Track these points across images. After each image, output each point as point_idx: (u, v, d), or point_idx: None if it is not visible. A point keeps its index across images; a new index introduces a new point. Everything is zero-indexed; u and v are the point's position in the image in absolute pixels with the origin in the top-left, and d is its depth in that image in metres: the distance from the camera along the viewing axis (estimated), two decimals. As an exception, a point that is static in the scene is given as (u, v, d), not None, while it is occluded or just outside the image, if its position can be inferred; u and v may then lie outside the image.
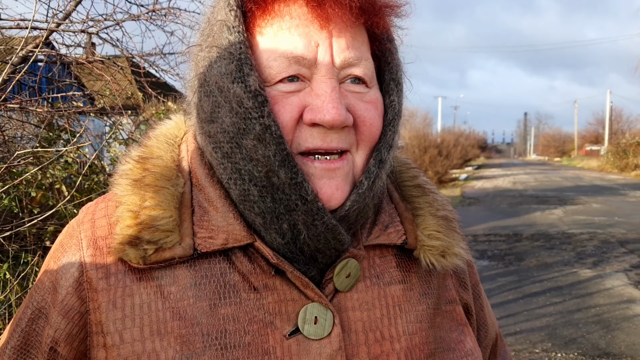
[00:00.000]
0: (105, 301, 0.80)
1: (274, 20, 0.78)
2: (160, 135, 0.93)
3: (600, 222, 13.31)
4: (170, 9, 4.01)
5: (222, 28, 0.78)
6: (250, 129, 0.74)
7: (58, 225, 5.26)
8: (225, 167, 0.80)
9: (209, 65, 0.79)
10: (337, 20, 0.78)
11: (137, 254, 0.79)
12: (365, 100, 0.82)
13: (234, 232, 0.81)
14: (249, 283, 0.81)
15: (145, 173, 0.85)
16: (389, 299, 0.87)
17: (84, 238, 0.85)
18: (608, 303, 6.72)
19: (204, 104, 0.80)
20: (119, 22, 3.83)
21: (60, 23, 3.72)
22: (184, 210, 0.83)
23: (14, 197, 4.53)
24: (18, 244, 4.57)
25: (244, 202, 0.79)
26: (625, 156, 38.59)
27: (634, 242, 10.64)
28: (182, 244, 0.79)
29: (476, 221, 13.96)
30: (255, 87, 0.74)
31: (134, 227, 0.80)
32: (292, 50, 0.77)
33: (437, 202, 0.96)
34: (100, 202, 0.90)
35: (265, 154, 0.74)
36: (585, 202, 17.88)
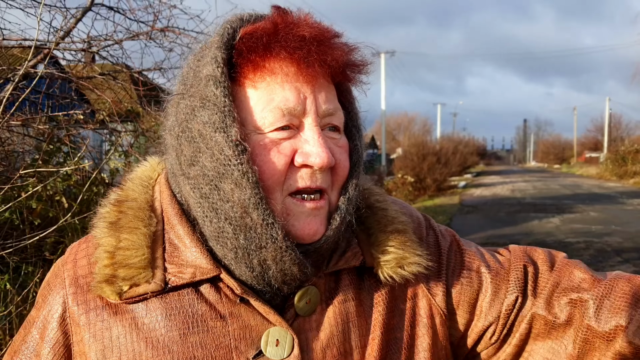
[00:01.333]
0: (87, 334, 0.89)
1: (266, 76, 0.87)
2: (136, 179, 1.01)
3: (597, 230, 13.38)
4: (169, 29, 4.10)
5: (208, 81, 0.86)
6: (229, 174, 0.83)
7: (57, 237, 5.33)
8: (202, 206, 0.87)
9: (191, 113, 0.87)
10: (320, 78, 0.89)
11: (114, 290, 0.87)
12: (339, 145, 0.93)
13: (201, 266, 0.89)
14: (215, 312, 0.89)
15: (120, 215, 0.93)
16: (344, 316, 0.96)
17: (67, 277, 0.94)
18: (602, 313, 6.77)
19: (184, 148, 0.88)
20: (119, 42, 3.93)
21: (59, 42, 3.81)
22: (156, 247, 0.91)
23: (15, 210, 4.60)
24: (19, 256, 4.64)
25: (218, 238, 0.87)
26: (624, 163, 38.65)
27: (629, 251, 10.71)
28: (155, 279, 0.88)
29: (474, 230, 14.03)
30: (236, 137, 0.83)
31: (110, 267, 0.88)
32: (285, 102, 0.86)
33: (386, 219, 1.04)
34: (82, 242, 0.99)
35: (241, 197, 0.82)
36: (582, 210, 17.94)
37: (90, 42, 3.91)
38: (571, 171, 58.99)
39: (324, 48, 0.87)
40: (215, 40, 0.89)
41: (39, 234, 3.20)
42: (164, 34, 4.16)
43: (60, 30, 3.88)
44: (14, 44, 3.67)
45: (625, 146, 41.59)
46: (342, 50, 0.89)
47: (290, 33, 0.87)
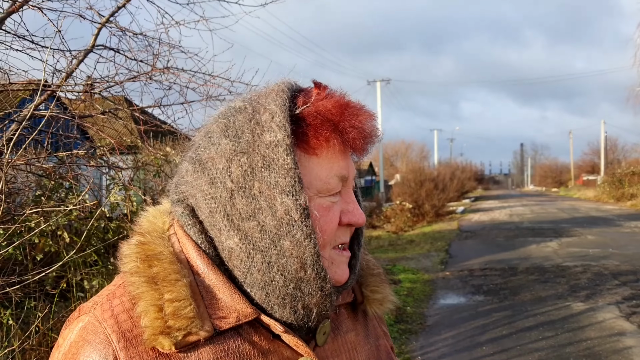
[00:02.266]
0: None
1: (327, 145, 0.98)
2: (152, 232, 1.04)
3: (594, 254, 13.45)
4: (169, 69, 4.25)
5: (277, 147, 0.92)
6: (292, 234, 0.91)
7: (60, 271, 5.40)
8: (254, 258, 0.94)
9: (251, 172, 0.93)
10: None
11: (170, 341, 0.91)
12: None
13: (242, 310, 0.96)
14: (257, 350, 0.98)
15: (155, 270, 0.97)
16: (348, 344, 1.11)
17: (112, 333, 0.93)
18: (599, 336, 6.83)
19: (239, 204, 0.94)
20: (120, 83, 4.07)
21: (60, 84, 3.95)
22: (195, 297, 0.96)
23: (18, 245, 4.68)
24: (22, 291, 4.70)
25: (265, 287, 0.95)
26: (621, 186, 38.77)
27: (626, 274, 10.78)
28: (205, 326, 0.93)
29: (473, 255, 14.09)
30: (305, 203, 0.92)
31: (161, 319, 0.92)
32: (341, 171, 0.99)
33: (371, 262, 1.21)
34: (112, 298, 0.99)
35: (300, 254, 0.92)
36: (580, 233, 18.02)
37: (93, 84, 4.06)
38: (569, 194, 59.09)
39: (368, 140, 1.01)
40: (280, 110, 0.95)
41: (45, 270, 3.29)
42: (163, 73, 4.31)
43: (62, 71, 4.03)
44: (20, 87, 3.81)
45: (621, 169, 41.75)
46: (376, 135, 1.03)
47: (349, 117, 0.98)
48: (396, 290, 9.93)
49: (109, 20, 4.41)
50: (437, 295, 9.74)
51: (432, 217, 25.52)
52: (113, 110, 4.38)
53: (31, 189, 5.16)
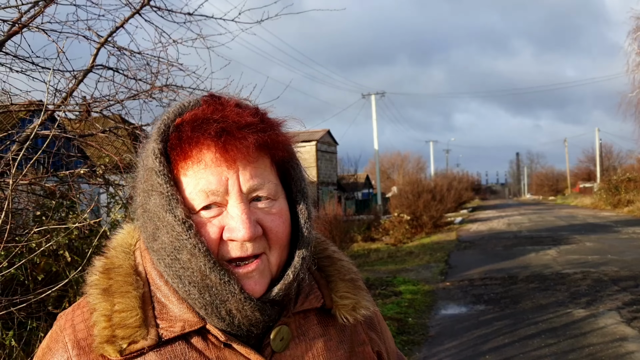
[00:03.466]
0: None
1: (193, 164, 1.00)
2: (118, 246, 1.13)
3: (593, 260, 13.48)
4: (168, 87, 4.30)
5: (151, 172, 1.00)
6: (184, 246, 0.96)
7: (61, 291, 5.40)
8: (168, 274, 1.01)
9: (147, 197, 1.01)
10: (240, 159, 1.00)
11: (115, 348, 0.98)
12: (272, 212, 1.04)
13: (188, 319, 1.02)
14: (205, 358, 1.02)
15: (111, 282, 1.06)
16: (314, 350, 1.11)
17: (69, 341, 1.04)
18: (601, 342, 6.85)
19: (147, 226, 1.02)
20: (120, 102, 4.11)
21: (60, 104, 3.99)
22: (146, 307, 1.03)
23: (20, 265, 4.69)
24: (25, 311, 4.70)
25: (188, 298, 1.01)
26: (618, 192, 38.88)
27: (626, 279, 10.81)
28: (150, 335, 1.00)
29: (472, 265, 14.10)
30: (182, 216, 0.97)
31: (109, 328, 0.99)
32: (207, 185, 0.99)
33: (344, 269, 1.21)
34: (76, 309, 1.10)
35: (197, 264, 0.96)
36: (578, 241, 18.06)
37: (94, 102, 4.10)
38: (566, 202, 59.20)
39: (236, 136, 0.98)
40: (154, 133, 1.03)
41: (48, 289, 3.30)
42: (162, 91, 4.35)
43: (63, 91, 4.07)
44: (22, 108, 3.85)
45: (617, 175, 41.89)
46: (255, 135, 1.00)
47: (205, 125, 0.99)
48: (397, 301, 9.93)
49: (108, 40, 4.47)
50: (438, 306, 9.74)
51: (431, 228, 25.54)
52: (113, 129, 4.42)
53: (31, 209, 5.18)
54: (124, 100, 4.12)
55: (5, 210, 2.76)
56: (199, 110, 1.04)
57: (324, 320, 1.16)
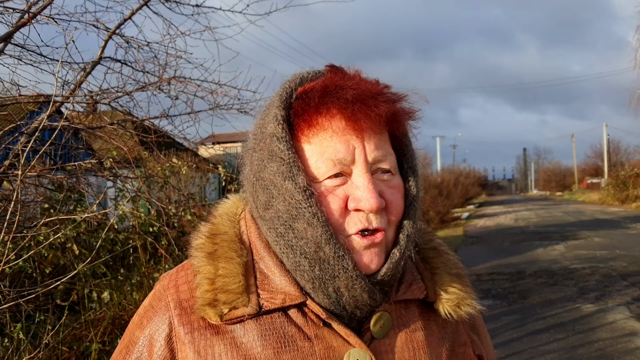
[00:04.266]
0: (191, 351, 1.00)
1: (318, 131, 0.98)
2: (223, 214, 1.13)
3: (601, 256, 13.41)
4: (177, 78, 4.28)
5: (272, 138, 0.98)
6: (301, 215, 0.94)
7: (69, 284, 5.42)
8: (278, 243, 0.99)
9: (263, 165, 0.99)
10: (368, 128, 0.99)
11: (216, 312, 0.98)
12: (391, 186, 1.02)
13: (289, 293, 1.01)
14: (303, 333, 1.00)
15: (216, 247, 1.06)
16: (414, 343, 1.06)
17: (171, 301, 1.05)
18: (610, 337, 6.81)
19: (259, 195, 1.01)
20: (129, 93, 4.10)
21: (69, 96, 3.98)
22: (249, 276, 1.02)
23: (28, 258, 4.70)
24: (32, 304, 4.72)
25: (296, 271, 0.99)
26: (625, 188, 38.69)
27: (635, 274, 10.73)
28: (250, 303, 0.99)
29: (479, 260, 14.05)
30: (303, 184, 0.95)
31: (211, 292, 1.00)
32: (335, 153, 0.97)
33: (450, 262, 1.17)
34: (179, 270, 1.11)
35: (313, 234, 0.94)
36: (587, 236, 17.97)
37: (102, 94, 4.08)
38: (573, 198, 58.95)
39: (368, 104, 0.96)
40: (276, 100, 1.01)
41: (56, 281, 3.29)
42: (170, 83, 4.34)
43: (71, 83, 4.06)
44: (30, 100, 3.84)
45: (625, 171, 41.66)
46: (386, 105, 0.98)
47: (337, 93, 0.97)
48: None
49: (116, 32, 4.45)
50: (445, 301, 9.68)
51: (437, 223, 25.46)
52: (121, 122, 4.41)
53: (39, 202, 5.19)
54: (132, 92, 4.11)
55: (14, 201, 2.75)
56: (327, 78, 1.02)
57: (425, 314, 1.12)
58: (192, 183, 11.63)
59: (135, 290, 5.80)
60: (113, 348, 4.75)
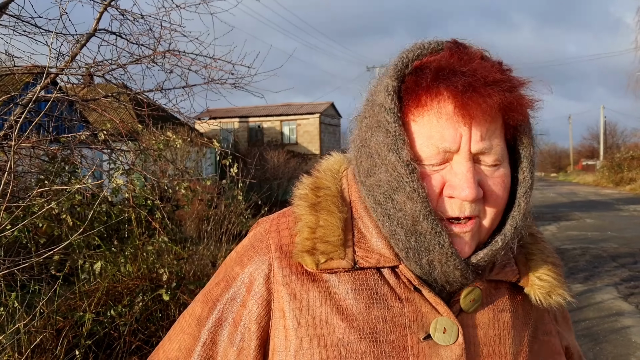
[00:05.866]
0: (288, 293, 1.02)
1: (426, 112, 0.95)
2: (327, 170, 1.14)
3: (593, 237, 13.53)
4: (171, 52, 4.28)
5: (381, 108, 0.97)
6: (402, 188, 0.94)
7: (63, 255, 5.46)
8: (375, 210, 1.00)
9: (370, 133, 0.99)
10: (478, 117, 0.94)
11: (313, 260, 1.01)
12: (495, 176, 0.99)
13: (384, 254, 1.02)
14: (394, 294, 1.02)
15: (319, 199, 1.08)
16: (501, 322, 1.06)
17: (272, 243, 1.08)
18: (597, 316, 6.92)
19: (363, 161, 1.01)
20: (123, 66, 4.10)
21: (63, 67, 3.98)
22: (347, 231, 1.04)
23: (23, 228, 4.73)
24: (27, 273, 4.76)
25: (391, 238, 1.00)
26: (620, 170, 38.84)
27: (625, 256, 10.86)
28: (346, 258, 1.01)
29: (472, 239, 14.15)
30: (407, 158, 0.94)
31: (311, 240, 1.02)
32: (441, 140, 0.94)
33: (547, 250, 1.16)
34: (281, 216, 1.14)
35: (412, 208, 0.93)
36: (579, 217, 18.10)
37: (96, 66, 4.08)
38: (568, 179, 59.16)
39: (481, 93, 0.92)
40: (390, 70, 0.99)
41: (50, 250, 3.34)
42: (164, 56, 4.33)
43: (66, 55, 4.05)
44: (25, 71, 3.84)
45: (621, 153, 41.81)
46: (501, 94, 0.93)
47: (450, 77, 0.93)
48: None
49: (111, 4, 4.43)
50: (436, 278, 9.80)
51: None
52: (115, 94, 4.41)
53: (34, 173, 5.20)
54: (126, 64, 4.11)
55: (7, 171, 2.77)
56: (443, 58, 0.98)
57: (514, 297, 1.11)
58: (188, 158, 11.64)
59: (129, 262, 5.85)
60: (107, 318, 4.83)
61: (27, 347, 4.03)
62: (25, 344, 4.14)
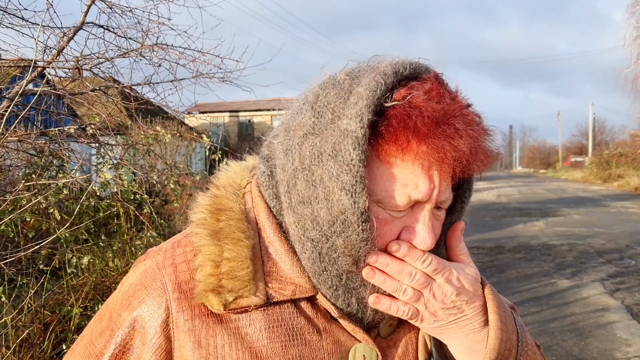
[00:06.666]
0: (191, 341, 0.89)
1: (404, 154, 0.83)
2: (227, 186, 1.00)
3: (580, 233, 13.63)
4: (158, 45, 4.26)
5: (346, 137, 0.81)
6: (345, 235, 0.83)
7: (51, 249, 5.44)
8: (304, 244, 0.88)
9: (318, 157, 0.84)
10: (449, 168, 0.86)
11: (219, 301, 0.88)
12: (439, 219, 0.95)
13: (300, 284, 0.92)
14: (312, 326, 0.93)
15: (221, 225, 0.93)
16: (412, 335, 1.02)
17: (169, 282, 0.92)
18: (583, 312, 6.98)
19: (299, 185, 0.86)
20: (110, 59, 4.08)
21: (51, 61, 3.95)
22: (256, 261, 0.92)
23: (10, 222, 4.71)
24: (15, 267, 4.74)
25: (319, 276, 0.90)
26: (608, 167, 39.13)
27: (611, 252, 10.95)
28: (258, 293, 0.89)
29: (461, 235, 14.21)
30: (364, 207, 0.81)
31: (215, 276, 0.89)
32: (415, 191, 0.84)
33: None
34: (176, 246, 0.98)
35: (354, 254, 0.85)
36: (567, 213, 18.21)
37: (84, 59, 4.07)
38: (557, 176, 59.51)
39: (476, 160, 0.86)
40: (365, 94, 0.82)
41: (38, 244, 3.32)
42: (152, 50, 4.32)
43: (53, 48, 4.03)
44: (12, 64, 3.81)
45: (609, 150, 42.12)
46: (488, 161, 0.89)
47: (446, 133, 0.82)
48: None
49: (98, -4, 4.41)
50: (425, 274, 9.83)
51: (421, 197, 25.59)
52: (103, 88, 4.39)
53: (21, 167, 5.18)
54: (114, 58, 4.09)
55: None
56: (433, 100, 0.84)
57: None
58: (177, 152, 11.61)
59: (117, 257, 5.84)
60: (94, 313, 4.81)
61: (14, 342, 4.01)
62: (12, 338, 4.13)
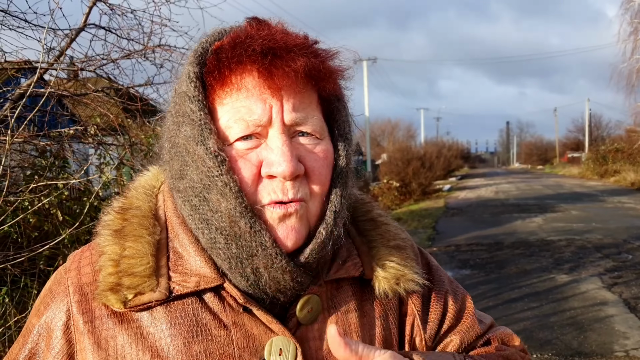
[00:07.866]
0: (91, 342, 0.88)
1: (232, 91, 0.87)
2: (140, 187, 1.02)
3: (578, 228, 13.70)
4: (162, 47, 4.30)
5: (184, 98, 0.88)
6: (214, 185, 0.84)
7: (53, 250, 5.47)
8: (193, 218, 0.89)
9: (177, 130, 0.89)
10: (286, 87, 0.87)
11: (118, 299, 0.87)
12: (316, 151, 0.91)
13: (204, 275, 0.90)
14: (219, 321, 0.90)
15: (125, 223, 0.94)
16: (346, 327, 0.97)
17: (71, 285, 0.93)
18: (582, 306, 7.04)
19: (174, 163, 0.90)
20: (114, 60, 4.12)
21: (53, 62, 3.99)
22: (160, 255, 0.91)
23: (13, 224, 4.74)
24: (18, 268, 4.77)
25: (212, 249, 0.88)
26: (605, 162, 39.19)
27: (609, 247, 11.02)
28: (159, 288, 0.88)
29: (459, 232, 14.27)
30: (214, 148, 0.84)
31: (114, 275, 0.88)
32: (249, 114, 0.86)
33: (389, 233, 1.06)
34: (85, 250, 0.98)
35: (227, 207, 0.84)
36: (564, 209, 18.29)
37: (87, 61, 4.10)
38: (554, 171, 59.63)
39: (283, 57, 0.85)
40: (190, 56, 0.90)
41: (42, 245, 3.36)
42: (154, 52, 4.36)
43: (55, 50, 4.07)
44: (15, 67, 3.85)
45: (605, 145, 42.15)
46: (304, 59, 0.87)
47: (246, 43, 0.86)
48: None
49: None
50: (425, 270, 9.88)
51: (419, 195, 25.70)
52: (106, 89, 4.43)
53: (26, 168, 5.20)
54: (117, 59, 4.13)
55: (3, 166, 2.80)
56: (240, 29, 0.92)
57: (360, 292, 1.02)
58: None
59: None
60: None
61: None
62: (15, 339, 4.15)
